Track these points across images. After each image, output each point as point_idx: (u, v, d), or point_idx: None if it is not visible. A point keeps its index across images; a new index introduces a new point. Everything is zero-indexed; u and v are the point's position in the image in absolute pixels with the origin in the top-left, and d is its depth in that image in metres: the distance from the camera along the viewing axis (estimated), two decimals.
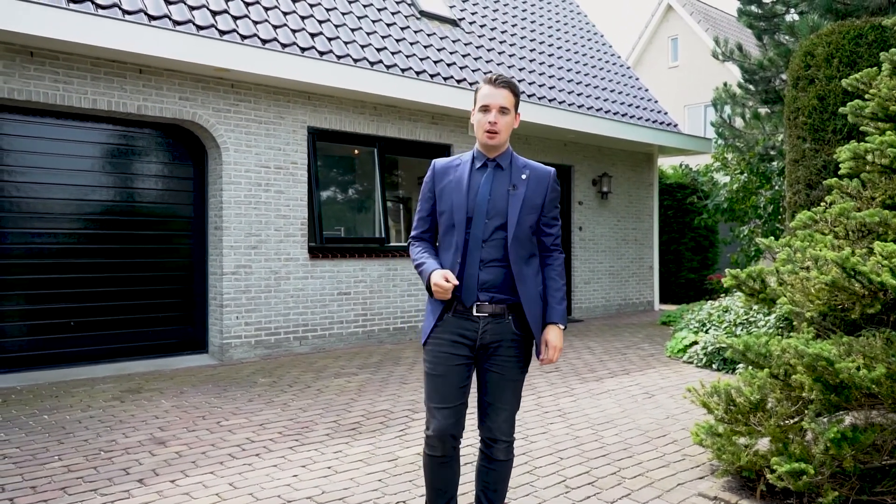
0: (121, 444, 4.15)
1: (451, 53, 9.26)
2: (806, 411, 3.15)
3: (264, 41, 7.07)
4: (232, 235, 7.03)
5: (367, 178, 8.49)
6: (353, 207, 8.54)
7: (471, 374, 2.64)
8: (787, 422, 3.33)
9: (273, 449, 4.12)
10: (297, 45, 7.37)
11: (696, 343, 7.11)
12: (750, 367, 3.54)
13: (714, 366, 6.57)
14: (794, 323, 6.39)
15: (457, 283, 2.47)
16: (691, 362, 6.88)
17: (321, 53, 7.52)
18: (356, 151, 8.42)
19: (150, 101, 6.47)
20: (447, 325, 2.57)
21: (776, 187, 10.08)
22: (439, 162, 2.72)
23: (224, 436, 4.36)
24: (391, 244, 8.47)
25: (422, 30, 9.27)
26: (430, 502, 2.71)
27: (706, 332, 7.32)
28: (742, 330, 6.73)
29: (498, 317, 2.57)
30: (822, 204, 3.65)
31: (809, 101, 6.04)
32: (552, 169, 2.71)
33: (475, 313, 2.55)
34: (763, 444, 3.94)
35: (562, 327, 2.64)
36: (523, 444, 4.24)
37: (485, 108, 2.57)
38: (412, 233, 2.75)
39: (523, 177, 2.62)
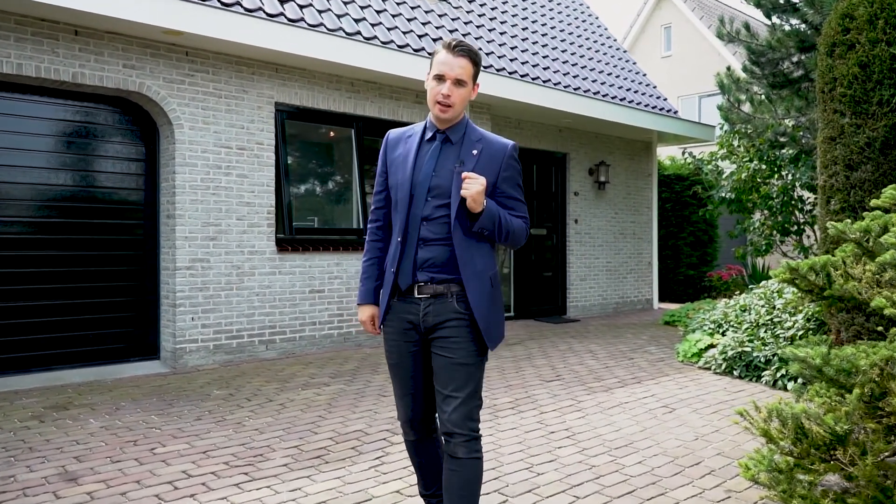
0: (20, 482, 3.27)
1: (437, 28, 8.41)
2: None
3: (226, 4, 6.19)
4: (186, 225, 6.14)
5: (343, 163, 7.62)
6: (328, 195, 7.67)
7: (422, 360, 2.48)
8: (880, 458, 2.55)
9: (214, 487, 3.27)
10: (264, 11, 6.49)
11: (712, 346, 6.34)
12: (825, 385, 2.75)
13: (735, 372, 5.79)
14: (829, 325, 5.65)
15: (378, 332, 2.54)
16: (708, 368, 6.10)
17: (292, 21, 6.65)
18: (331, 133, 7.55)
19: (87, 69, 5.57)
20: (395, 311, 2.46)
21: (788, 177, 9.37)
22: (393, 132, 2.56)
23: (155, 468, 3.50)
24: None
25: (405, 1, 8.41)
26: (419, 485, 2.70)
27: (723, 334, 6.54)
28: (766, 332, 5.96)
29: (440, 296, 2.38)
30: None
31: (849, 69, 5.25)
32: (511, 142, 2.48)
33: (416, 295, 2.40)
34: (832, 479, 3.16)
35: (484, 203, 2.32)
36: (527, 475, 3.43)
37: (439, 78, 2.35)
38: (370, 212, 2.60)
39: (474, 152, 2.41)
